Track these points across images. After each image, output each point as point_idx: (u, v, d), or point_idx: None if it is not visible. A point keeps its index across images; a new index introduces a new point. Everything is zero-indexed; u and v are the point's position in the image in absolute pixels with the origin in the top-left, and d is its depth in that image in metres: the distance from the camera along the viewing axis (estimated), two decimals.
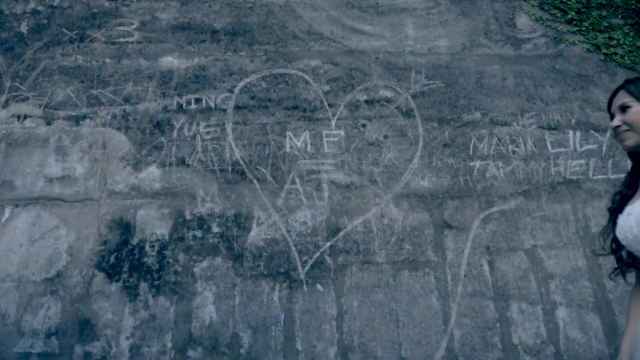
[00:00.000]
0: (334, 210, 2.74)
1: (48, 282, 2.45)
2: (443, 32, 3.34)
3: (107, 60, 3.08)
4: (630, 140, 1.55)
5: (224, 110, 2.96)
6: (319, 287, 2.57)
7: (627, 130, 1.55)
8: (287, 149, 2.87)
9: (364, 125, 2.97)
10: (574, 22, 3.41)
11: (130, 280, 2.50)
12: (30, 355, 2.32)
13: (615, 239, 1.54)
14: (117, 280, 2.50)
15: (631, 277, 1.62)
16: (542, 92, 3.16)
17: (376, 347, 2.47)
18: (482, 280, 2.62)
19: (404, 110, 3.03)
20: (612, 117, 1.58)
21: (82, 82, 3.00)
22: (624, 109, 1.54)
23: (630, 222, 1.46)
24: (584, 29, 3.39)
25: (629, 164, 3.08)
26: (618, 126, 1.56)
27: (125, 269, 2.52)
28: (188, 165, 2.79)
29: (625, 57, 3.30)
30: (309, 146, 2.90)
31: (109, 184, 2.71)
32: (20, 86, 2.96)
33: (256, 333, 2.46)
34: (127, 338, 2.40)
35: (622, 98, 1.56)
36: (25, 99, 2.92)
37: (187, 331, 2.45)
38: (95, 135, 2.84)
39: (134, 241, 2.59)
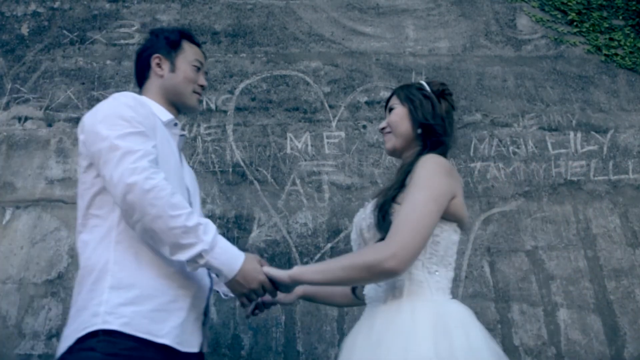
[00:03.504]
0: (335, 211, 2.74)
1: (49, 284, 2.46)
2: (443, 34, 3.34)
3: (108, 62, 3.08)
4: (389, 143, 1.58)
5: (225, 112, 2.96)
6: None
7: (389, 132, 1.58)
8: (288, 151, 2.88)
9: (364, 127, 2.97)
10: (575, 24, 3.41)
11: None
12: (32, 356, 2.32)
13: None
14: None
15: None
16: (543, 93, 3.16)
17: None
18: (483, 282, 2.62)
19: None
20: None
21: (83, 83, 3.00)
22: (390, 111, 1.59)
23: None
24: (584, 30, 3.39)
25: (629, 165, 3.09)
26: (383, 128, 1.60)
27: None
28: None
29: (626, 58, 3.30)
30: (309, 147, 2.90)
31: None
32: (21, 88, 2.96)
33: (257, 334, 2.46)
34: None
35: (392, 101, 1.61)
36: (26, 100, 2.93)
37: None
38: None
39: None
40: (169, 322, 1.32)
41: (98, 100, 2.95)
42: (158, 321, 1.30)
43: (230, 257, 1.32)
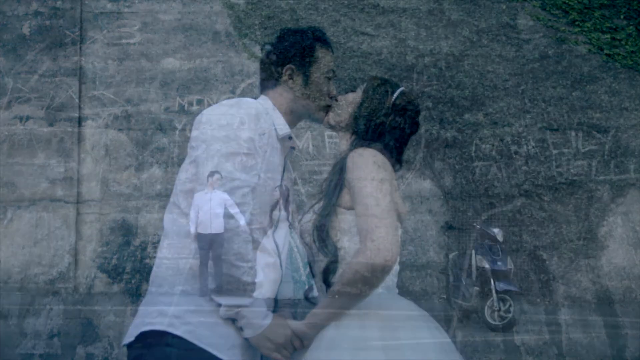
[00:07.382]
0: None
1: (50, 284, 2.46)
2: (445, 33, 3.34)
3: (109, 61, 3.08)
4: (328, 115, 1.56)
5: None
6: None
7: (332, 105, 1.59)
8: None
9: None
10: (576, 23, 3.41)
11: (132, 282, 2.51)
12: (33, 356, 2.33)
13: None
14: (119, 282, 2.50)
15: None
16: (544, 92, 3.16)
17: None
18: (485, 281, 2.62)
19: None
20: None
21: (84, 83, 3.00)
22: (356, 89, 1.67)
23: None
24: (586, 29, 3.39)
25: (631, 165, 3.09)
26: (337, 100, 1.62)
27: (127, 270, 2.53)
28: None
29: (628, 58, 3.30)
30: (310, 147, 2.90)
31: (110, 185, 2.72)
32: (23, 88, 2.96)
33: None
34: None
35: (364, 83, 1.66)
36: (28, 100, 2.93)
37: None
38: (97, 137, 2.85)
39: (136, 242, 2.60)
40: (231, 339, 1.35)
41: (99, 100, 2.96)
42: (222, 336, 1.34)
43: (260, 313, 1.34)
